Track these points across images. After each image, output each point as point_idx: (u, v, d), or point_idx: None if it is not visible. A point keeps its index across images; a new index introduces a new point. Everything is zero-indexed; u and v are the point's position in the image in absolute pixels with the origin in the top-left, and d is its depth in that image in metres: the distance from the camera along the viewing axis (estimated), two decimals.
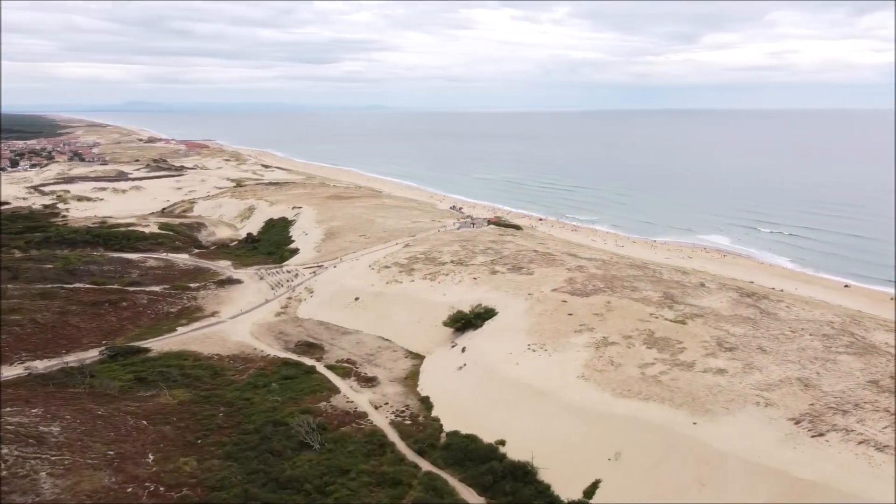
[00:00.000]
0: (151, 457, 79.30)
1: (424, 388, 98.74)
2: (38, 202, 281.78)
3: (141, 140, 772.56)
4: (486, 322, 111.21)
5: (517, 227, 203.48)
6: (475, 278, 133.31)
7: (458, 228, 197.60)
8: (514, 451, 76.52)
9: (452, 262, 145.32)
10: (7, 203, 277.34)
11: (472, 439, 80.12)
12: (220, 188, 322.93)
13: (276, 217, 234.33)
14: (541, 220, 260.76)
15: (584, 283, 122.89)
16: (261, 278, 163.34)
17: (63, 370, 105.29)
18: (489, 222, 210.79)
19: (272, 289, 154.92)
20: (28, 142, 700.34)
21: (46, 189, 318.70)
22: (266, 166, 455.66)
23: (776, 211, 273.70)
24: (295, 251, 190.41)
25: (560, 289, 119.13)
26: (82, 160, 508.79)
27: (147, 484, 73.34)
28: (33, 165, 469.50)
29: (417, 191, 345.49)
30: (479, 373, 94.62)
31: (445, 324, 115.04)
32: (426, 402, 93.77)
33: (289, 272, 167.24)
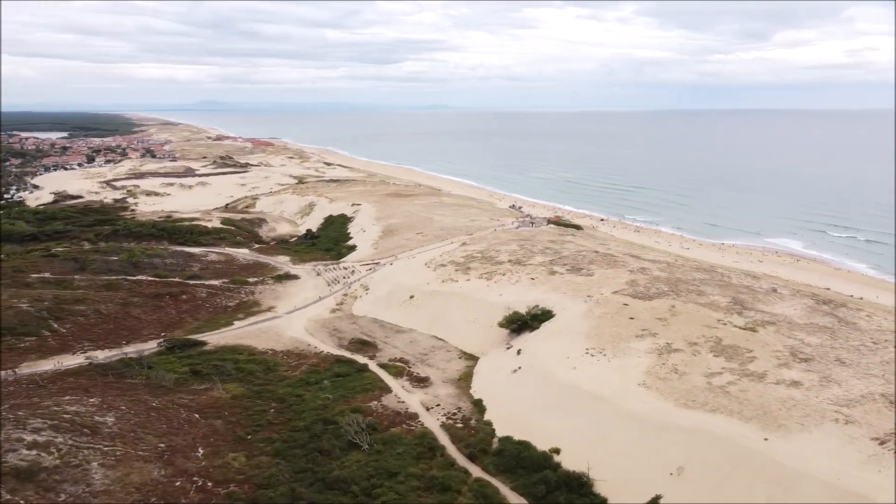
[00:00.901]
0: (201, 451, 79.02)
1: (477, 390, 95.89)
2: (109, 196, 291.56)
3: (210, 138, 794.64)
4: (542, 324, 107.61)
5: (577, 227, 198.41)
6: (533, 278, 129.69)
7: (517, 227, 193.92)
8: (569, 461, 72.93)
9: (510, 261, 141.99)
10: (80, 197, 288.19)
11: (525, 446, 76.84)
12: (283, 185, 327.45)
13: (335, 214, 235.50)
14: (602, 220, 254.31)
15: (647, 285, 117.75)
16: (318, 274, 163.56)
17: (122, 361, 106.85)
18: (549, 222, 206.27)
19: (328, 285, 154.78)
20: (104, 139, 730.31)
21: (118, 184, 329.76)
22: (328, 164, 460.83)
23: (850, 214, 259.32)
24: (352, 248, 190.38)
25: (621, 291, 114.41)
26: (153, 157, 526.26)
27: (195, 478, 72.95)
28: (108, 161, 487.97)
29: (477, 189, 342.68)
30: (535, 376, 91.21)
31: (501, 325, 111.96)
32: (479, 405, 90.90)
33: (345, 269, 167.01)
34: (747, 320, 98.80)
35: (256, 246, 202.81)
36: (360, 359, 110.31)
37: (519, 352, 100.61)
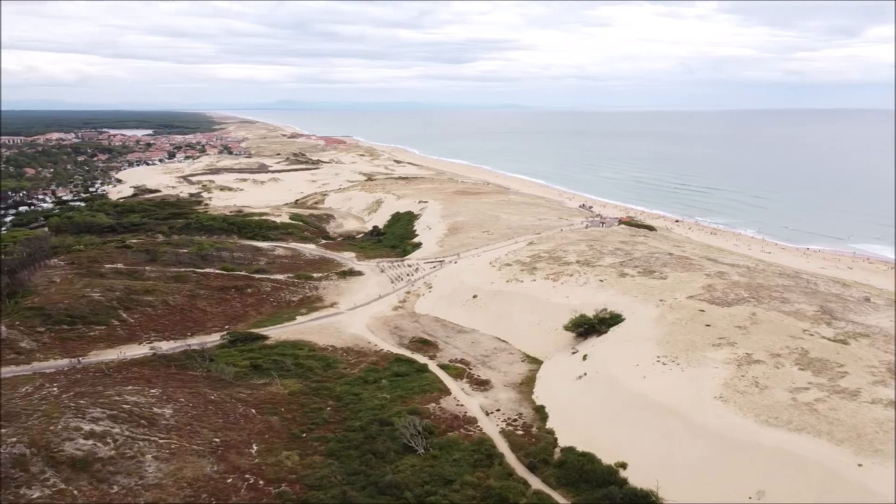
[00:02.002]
0: (255, 447, 77.74)
1: (540, 396, 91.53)
2: (185, 191, 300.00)
3: (285, 135, 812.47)
4: (611, 328, 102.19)
5: (651, 228, 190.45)
6: (602, 280, 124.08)
7: (587, 227, 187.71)
8: (636, 477, 67.87)
9: (578, 262, 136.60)
10: (158, 191, 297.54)
11: (589, 458, 72.14)
12: (352, 181, 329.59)
13: (402, 211, 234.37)
14: (677, 221, 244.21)
15: (725, 291, 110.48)
16: (382, 271, 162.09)
17: (185, 352, 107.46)
18: (620, 222, 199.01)
19: (392, 282, 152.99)
20: (186, 136, 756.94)
21: (194, 179, 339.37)
22: (398, 162, 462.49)
23: None
24: (417, 245, 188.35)
25: (697, 296, 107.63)
26: (230, 153, 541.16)
27: (247, 476, 71.55)
28: (187, 157, 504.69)
29: (546, 188, 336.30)
30: (602, 384, 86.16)
31: (566, 328, 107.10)
32: (541, 412, 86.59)
33: (409, 266, 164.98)
34: (837, 331, 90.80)
35: (323, 242, 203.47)
36: (421, 358, 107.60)
37: (585, 357, 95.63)
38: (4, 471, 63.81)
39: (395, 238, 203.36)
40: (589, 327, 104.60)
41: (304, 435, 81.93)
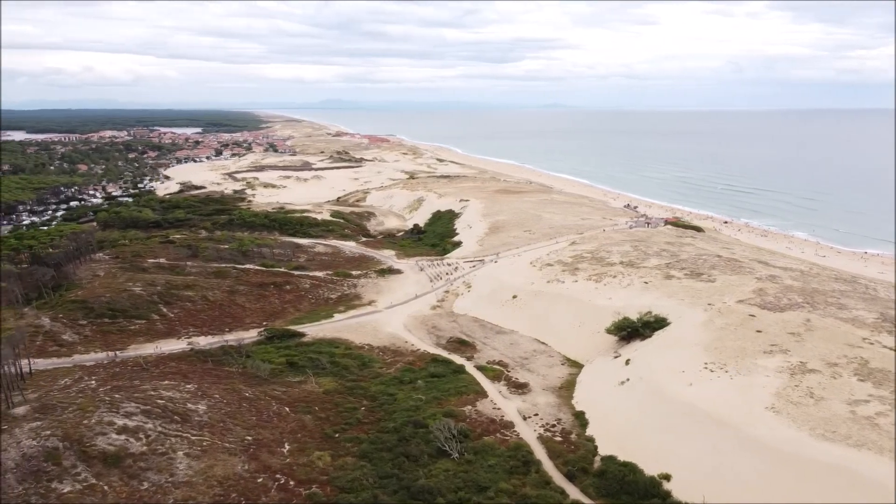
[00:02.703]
0: (287, 446, 76.52)
1: (580, 401, 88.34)
2: (229, 187, 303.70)
3: (329, 134, 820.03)
4: (655, 332, 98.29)
5: (698, 229, 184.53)
6: (646, 282, 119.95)
7: (631, 227, 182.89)
8: (681, 490, 64.47)
9: (622, 263, 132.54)
10: (203, 187, 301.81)
11: (630, 468, 68.84)
12: (394, 180, 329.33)
13: (443, 209, 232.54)
14: (725, 222, 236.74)
15: (778, 295, 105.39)
16: (421, 269, 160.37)
17: (222, 348, 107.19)
18: (666, 222, 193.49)
19: (431, 281, 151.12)
20: (233, 134, 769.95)
21: (239, 176, 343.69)
22: (440, 160, 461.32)
23: None
24: (458, 244, 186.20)
25: (747, 300, 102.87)
26: (275, 151, 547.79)
27: (278, 476, 70.30)
28: (233, 155, 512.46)
29: (590, 188, 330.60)
30: (645, 390, 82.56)
31: (609, 331, 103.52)
32: (581, 418, 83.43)
33: (449, 265, 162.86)
34: None
35: (363, 239, 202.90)
36: (458, 359, 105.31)
37: (628, 362, 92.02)
38: (37, 464, 63.74)
39: (436, 236, 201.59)
40: (632, 331, 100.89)
41: (336, 435, 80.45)
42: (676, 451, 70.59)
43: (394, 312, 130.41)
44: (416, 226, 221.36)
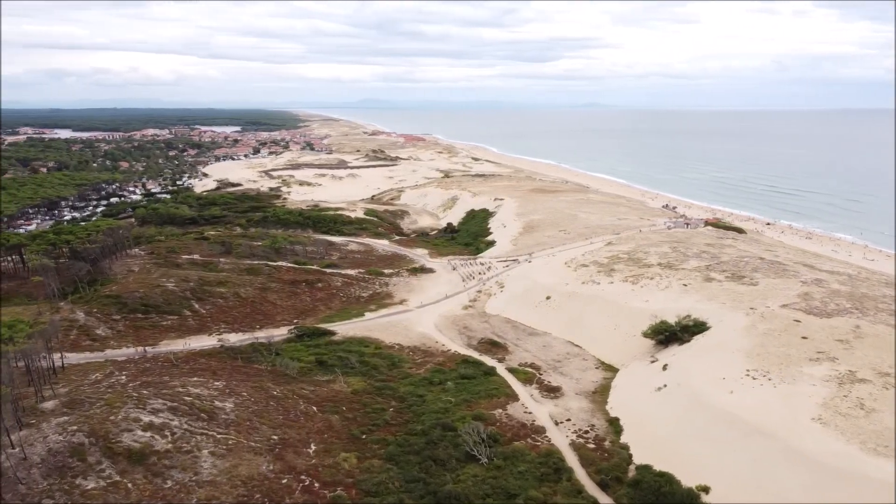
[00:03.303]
0: (313, 447, 75.23)
1: (615, 406, 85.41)
2: (265, 185, 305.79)
3: (366, 133, 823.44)
4: (694, 337, 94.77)
5: (739, 231, 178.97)
6: (685, 285, 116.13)
7: (670, 228, 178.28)
8: (720, 503, 61.20)
9: (659, 264, 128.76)
10: (240, 185, 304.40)
11: (667, 479, 65.83)
12: (429, 178, 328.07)
13: (477, 208, 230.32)
14: (768, 224, 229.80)
15: (824, 300, 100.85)
16: (453, 269, 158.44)
17: (252, 345, 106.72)
18: (706, 223, 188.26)
19: (463, 280, 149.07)
20: (271, 133, 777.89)
21: (275, 174, 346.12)
22: (476, 159, 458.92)
23: None
24: (491, 243, 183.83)
25: (792, 305, 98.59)
26: (312, 149, 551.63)
27: (303, 477, 69.00)
28: (270, 153, 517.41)
29: (627, 188, 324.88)
30: (683, 397, 79.31)
31: (645, 334, 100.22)
32: (615, 425, 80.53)
33: (482, 264, 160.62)
34: None
35: (396, 237, 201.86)
36: (489, 361, 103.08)
37: (665, 367, 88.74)
38: (62, 460, 63.42)
39: (469, 235, 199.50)
40: (670, 335, 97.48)
41: (363, 436, 78.95)
42: (716, 462, 67.42)
43: (425, 312, 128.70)
44: (449, 224, 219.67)
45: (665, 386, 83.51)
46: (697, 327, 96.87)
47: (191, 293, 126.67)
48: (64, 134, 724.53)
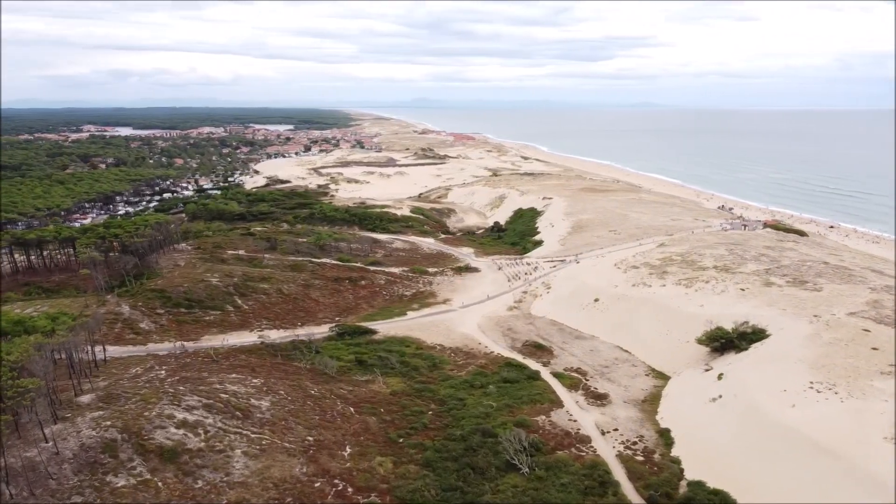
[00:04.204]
0: (349, 450, 72.95)
1: (665, 417, 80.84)
2: (314, 182, 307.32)
3: (416, 131, 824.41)
4: (752, 345, 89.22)
5: (801, 233, 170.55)
6: (742, 289, 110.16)
7: (726, 230, 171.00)
8: None
9: (715, 267, 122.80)
10: (289, 182, 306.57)
11: (722, 497, 61.46)
12: (477, 177, 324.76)
13: (524, 207, 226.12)
14: (831, 227, 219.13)
15: None
16: (499, 268, 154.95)
17: (293, 343, 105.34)
18: (765, 225, 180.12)
19: (508, 280, 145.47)
20: (323, 132, 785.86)
21: (324, 171, 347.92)
22: (525, 158, 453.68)
23: None
24: (538, 243, 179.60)
25: (860, 313, 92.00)
26: (362, 147, 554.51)
27: (336, 481, 66.72)
28: (321, 151, 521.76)
29: (681, 188, 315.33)
30: (740, 410, 74.29)
31: (700, 341, 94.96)
32: (666, 436, 76.06)
33: (528, 264, 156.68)
34: None
35: (442, 236, 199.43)
36: (533, 364, 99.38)
37: (720, 376, 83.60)
38: (94, 455, 62.52)
39: (516, 235, 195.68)
40: (726, 342, 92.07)
41: (400, 440, 76.37)
42: (775, 481, 62.56)
43: (468, 312, 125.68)
44: (496, 223, 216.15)
45: (720, 396, 78.51)
46: (756, 335, 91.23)
47: (234, 288, 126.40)
48: (124, 132, 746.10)
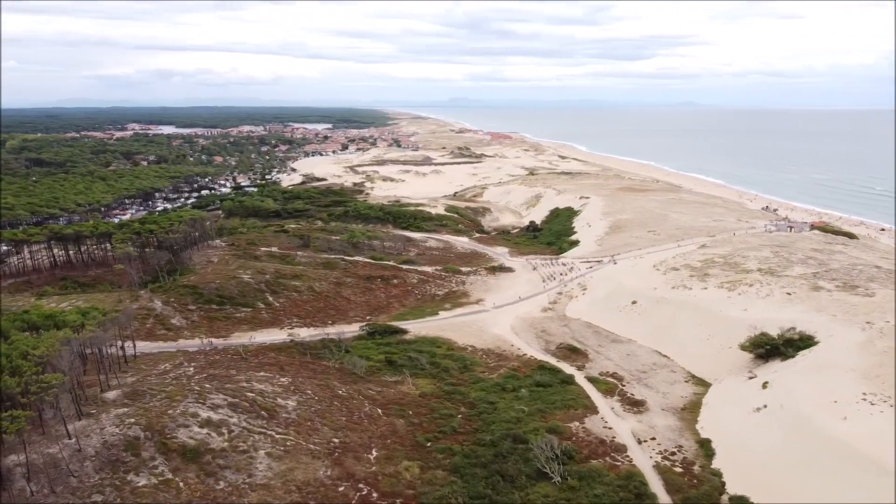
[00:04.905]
0: (375, 453, 71.00)
1: (706, 426, 77.12)
2: (349, 180, 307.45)
3: (453, 130, 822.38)
4: (800, 352, 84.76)
5: (851, 236, 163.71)
6: (789, 294, 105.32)
7: (770, 231, 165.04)
8: None
9: (760, 270, 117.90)
10: (324, 179, 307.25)
11: None
12: (513, 176, 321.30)
13: (561, 206, 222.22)
14: (882, 230, 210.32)
15: None
16: (533, 268, 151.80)
17: (322, 341, 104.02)
18: (812, 227, 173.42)
19: (543, 281, 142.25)
20: (361, 130, 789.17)
21: (360, 169, 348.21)
22: (563, 157, 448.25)
23: None
24: (575, 243, 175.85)
25: None
26: (399, 146, 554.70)
27: (361, 485, 64.79)
28: (358, 149, 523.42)
29: (724, 188, 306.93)
30: (786, 421, 70.27)
31: (743, 347, 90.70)
32: (706, 447, 72.39)
33: (564, 265, 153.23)
34: None
35: (477, 235, 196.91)
36: (567, 368, 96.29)
37: (765, 385, 79.47)
38: (116, 453, 61.64)
39: (552, 234, 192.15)
40: (771, 348, 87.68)
41: (428, 444, 74.14)
42: (824, 498, 58.60)
43: (501, 313, 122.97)
44: (532, 223, 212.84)
45: (765, 406, 74.48)
46: (804, 342, 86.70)
47: (266, 286, 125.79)
48: (167, 130, 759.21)
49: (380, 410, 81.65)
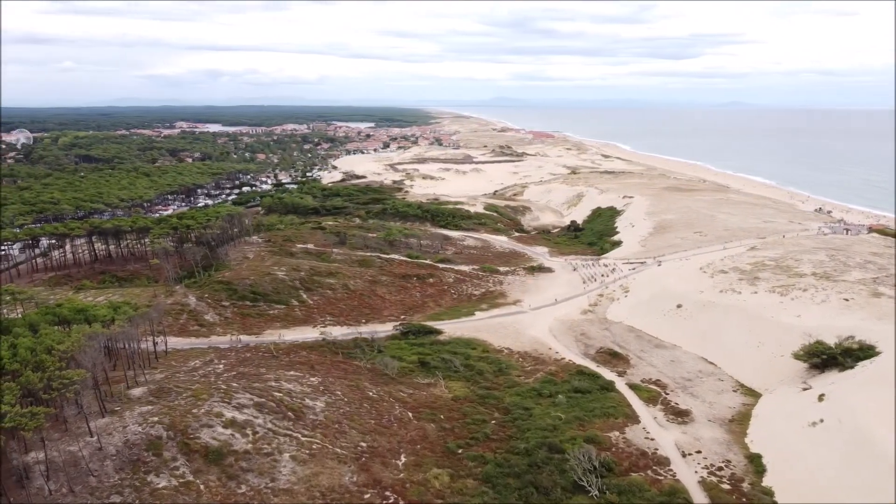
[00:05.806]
0: (403, 459, 68.21)
1: (756, 440, 72.28)
2: (389, 178, 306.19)
3: (495, 129, 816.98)
4: (859, 363, 79.16)
5: None
6: (846, 300, 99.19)
7: (826, 233, 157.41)
8: None
9: (814, 274, 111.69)
10: (364, 177, 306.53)
11: None
12: (555, 174, 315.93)
13: (603, 206, 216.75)
14: None
15: None
16: (574, 269, 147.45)
17: (355, 340, 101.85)
18: (870, 230, 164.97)
19: (584, 282, 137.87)
20: (403, 129, 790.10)
21: (400, 167, 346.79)
22: (606, 156, 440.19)
23: None
24: (617, 243, 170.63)
25: None
26: (440, 144, 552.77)
27: (388, 493, 62.01)
28: (399, 147, 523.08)
29: (774, 189, 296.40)
30: (845, 437, 65.15)
31: (796, 356, 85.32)
32: (756, 462, 67.66)
33: (605, 266, 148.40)
34: None
35: (516, 234, 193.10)
36: (607, 374, 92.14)
37: (821, 397, 74.20)
38: (137, 452, 60.02)
39: (594, 234, 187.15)
40: (828, 358, 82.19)
41: (459, 451, 71.00)
42: None
43: (539, 314, 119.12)
44: (573, 222, 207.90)
45: (822, 421, 69.32)
46: (863, 352, 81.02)
47: (300, 283, 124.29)
48: (213, 128, 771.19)
49: (410, 414, 78.89)
